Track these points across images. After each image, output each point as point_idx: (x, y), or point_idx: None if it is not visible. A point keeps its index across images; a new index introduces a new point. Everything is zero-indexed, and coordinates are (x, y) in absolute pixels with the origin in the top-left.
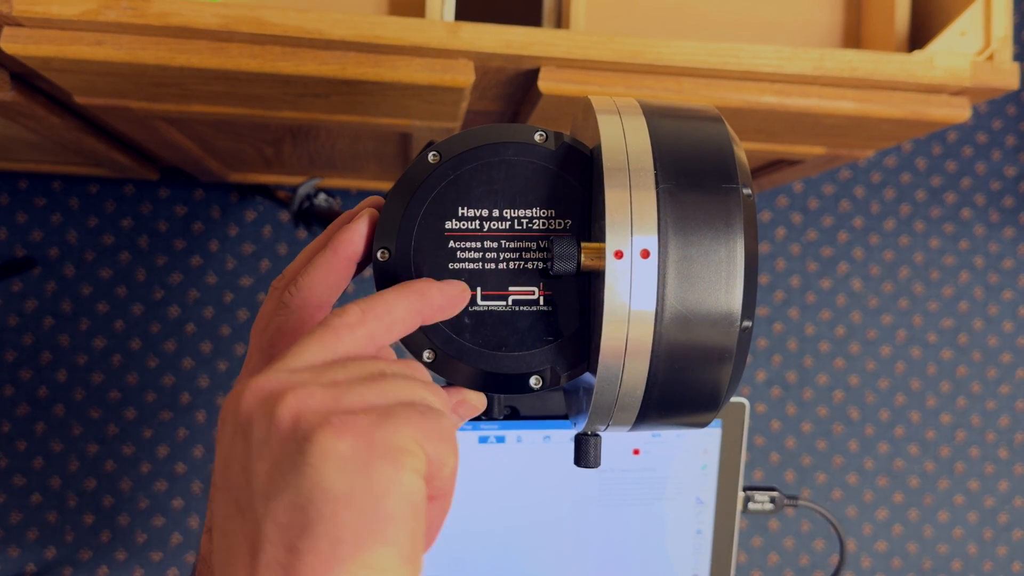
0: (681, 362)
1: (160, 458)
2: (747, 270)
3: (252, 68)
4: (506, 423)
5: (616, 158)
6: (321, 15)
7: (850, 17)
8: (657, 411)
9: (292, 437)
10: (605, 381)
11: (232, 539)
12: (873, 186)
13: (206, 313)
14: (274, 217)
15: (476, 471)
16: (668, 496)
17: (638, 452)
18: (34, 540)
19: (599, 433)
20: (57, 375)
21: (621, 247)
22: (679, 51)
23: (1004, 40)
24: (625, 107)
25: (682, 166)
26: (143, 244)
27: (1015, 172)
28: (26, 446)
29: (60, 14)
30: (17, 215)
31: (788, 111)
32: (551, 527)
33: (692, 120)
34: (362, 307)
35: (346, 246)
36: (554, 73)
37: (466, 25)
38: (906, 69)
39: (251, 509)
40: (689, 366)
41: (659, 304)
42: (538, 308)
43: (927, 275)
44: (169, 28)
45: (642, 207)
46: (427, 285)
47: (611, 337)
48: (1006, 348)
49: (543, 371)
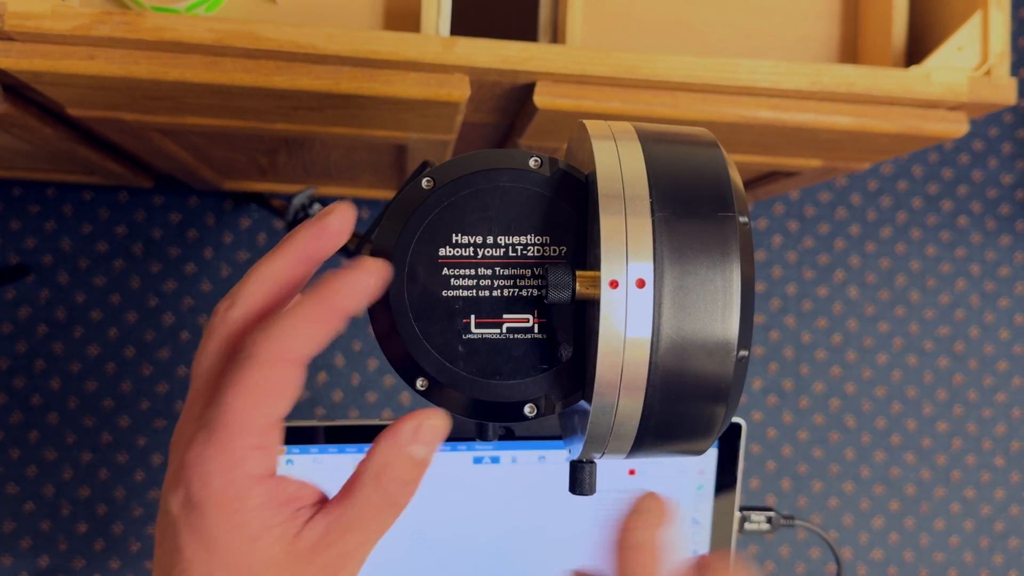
0: (677, 392)
1: (154, 466)
2: (744, 299)
3: (246, 82)
4: (501, 444)
5: (611, 185)
6: (315, 30)
7: (847, 32)
8: (653, 440)
9: None
10: (600, 411)
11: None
12: (870, 194)
13: (200, 321)
14: (269, 225)
15: (471, 492)
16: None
17: (634, 472)
18: (27, 549)
19: (594, 460)
20: (50, 383)
21: (616, 276)
22: (675, 66)
23: (1001, 55)
24: (620, 132)
25: (678, 193)
26: (137, 251)
27: (1012, 180)
28: (19, 454)
29: (52, 29)
30: (10, 222)
31: (785, 126)
32: (545, 548)
33: (688, 146)
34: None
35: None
36: (550, 88)
37: (461, 40)
38: (903, 84)
39: None
40: (685, 396)
41: (655, 334)
42: (532, 336)
43: (923, 283)
44: (163, 43)
45: (638, 235)
46: (332, 287)
47: (606, 367)
48: (1002, 356)
49: (538, 399)
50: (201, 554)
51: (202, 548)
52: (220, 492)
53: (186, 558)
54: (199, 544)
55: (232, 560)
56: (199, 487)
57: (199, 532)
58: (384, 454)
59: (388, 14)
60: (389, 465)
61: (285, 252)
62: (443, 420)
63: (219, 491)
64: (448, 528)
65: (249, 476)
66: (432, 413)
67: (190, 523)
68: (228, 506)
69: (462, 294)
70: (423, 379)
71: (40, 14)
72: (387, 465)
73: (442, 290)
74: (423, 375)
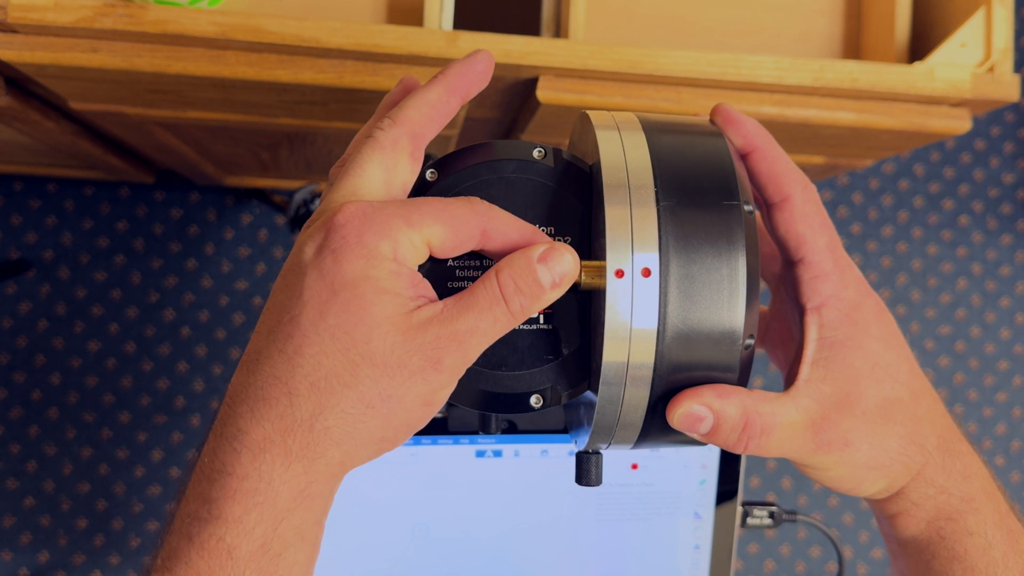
0: (684, 382)
1: (154, 462)
2: (749, 288)
3: (249, 76)
4: (503, 437)
5: (616, 175)
6: (318, 23)
7: (850, 27)
8: (660, 430)
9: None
10: (607, 401)
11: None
12: (871, 192)
13: (201, 316)
14: (270, 221)
15: (473, 485)
16: (666, 511)
17: (636, 467)
18: (27, 544)
19: (600, 451)
20: (51, 378)
21: (622, 266)
22: (678, 61)
23: (1005, 52)
24: (624, 122)
25: (682, 183)
26: (138, 247)
27: (1013, 179)
28: (19, 449)
29: (55, 21)
30: (11, 217)
31: (788, 122)
32: (548, 542)
33: (692, 135)
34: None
35: (456, 80)
36: (553, 82)
37: (464, 34)
38: (906, 81)
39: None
40: (692, 385)
41: (661, 324)
42: (538, 326)
43: (925, 282)
44: (165, 36)
45: (643, 225)
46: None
47: (612, 357)
48: (1003, 355)
49: (544, 390)
50: (323, 295)
51: (326, 289)
52: (367, 242)
53: (303, 301)
54: (324, 286)
55: (351, 307)
56: (349, 232)
57: (329, 274)
58: (514, 257)
59: (391, 8)
60: (513, 266)
61: (439, 84)
62: (574, 259)
63: (367, 241)
64: (450, 522)
65: (391, 236)
66: (566, 248)
67: (322, 265)
68: (371, 255)
69: (467, 286)
70: None
71: (43, 6)
72: (511, 265)
73: (448, 282)
74: None
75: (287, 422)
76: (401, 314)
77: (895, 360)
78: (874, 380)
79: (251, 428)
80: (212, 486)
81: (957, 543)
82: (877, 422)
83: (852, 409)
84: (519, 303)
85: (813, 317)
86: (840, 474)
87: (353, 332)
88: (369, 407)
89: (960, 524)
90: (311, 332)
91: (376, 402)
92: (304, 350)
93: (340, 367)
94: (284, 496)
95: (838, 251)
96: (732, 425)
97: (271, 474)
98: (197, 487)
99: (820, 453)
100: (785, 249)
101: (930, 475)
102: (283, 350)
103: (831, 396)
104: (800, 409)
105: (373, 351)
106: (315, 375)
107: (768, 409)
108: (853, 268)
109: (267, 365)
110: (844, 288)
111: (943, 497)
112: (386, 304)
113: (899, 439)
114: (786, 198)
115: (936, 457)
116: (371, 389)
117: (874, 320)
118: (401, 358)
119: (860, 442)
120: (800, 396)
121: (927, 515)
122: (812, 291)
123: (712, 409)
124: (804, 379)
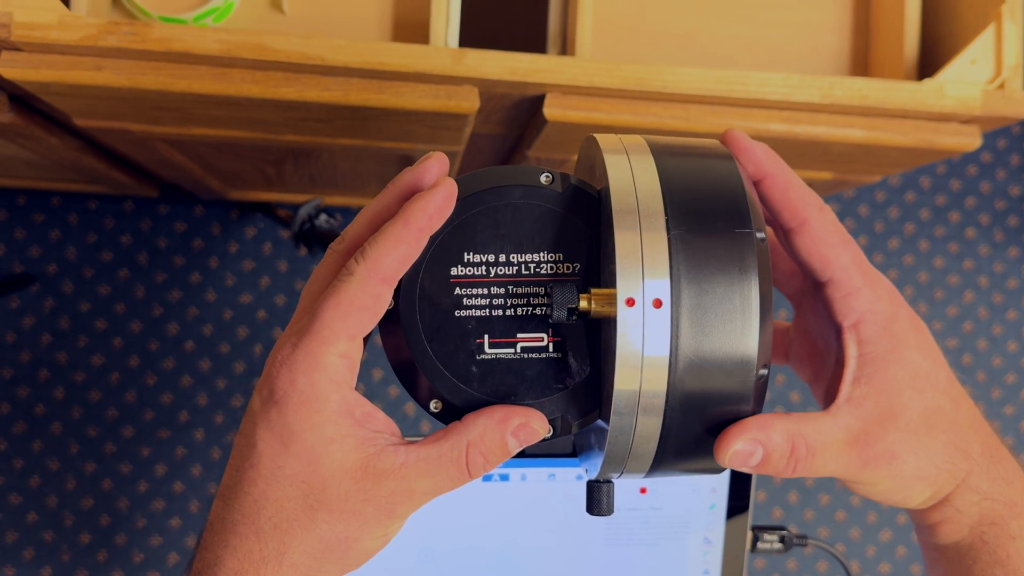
0: (696, 412)
1: (158, 477)
2: (762, 317)
3: (254, 94)
4: (510, 461)
5: (625, 200)
6: (324, 41)
7: (858, 44)
8: (672, 459)
9: None
10: (618, 431)
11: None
12: (877, 205)
13: (205, 330)
14: (274, 234)
15: (480, 509)
16: (675, 536)
17: (645, 491)
18: (30, 559)
19: (612, 480)
20: (55, 392)
21: (633, 294)
22: (686, 78)
23: (1015, 68)
24: (632, 146)
25: (693, 209)
26: (142, 261)
27: (1020, 191)
28: (23, 464)
29: (59, 39)
30: (15, 231)
31: (796, 139)
32: (556, 566)
33: (702, 159)
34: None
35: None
36: (559, 100)
37: (471, 52)
38: (916, 98)
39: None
40: (704, 416)
41: (673, 354)
42: (547, 355)
43: (932, 295)
44: (170, 54)
45: (653, 252)
46: (410, 210)
47: (624, 387)
48: (1010, 368)
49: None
50: (274, 447)
51: (276, 442)
52: (302, 391)
53: (258, 451)
54: (274, 438)
55: (304, 458)
56: (283, 384)
57: (276, 427)
58: (485, 428)
59: (397, 26)
60: (484, 439)
61: (387, 195)
62: (545, 429)
63: (301, 390)
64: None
65: (331, 380)
66: (539, 417)
67: (268, 418)
68: (308, 405)
69: (475, 314)
70: (437, 401)
71: (47, 24)
72: (482, 438)
73: (455, 310)
74: (437, 397)
75: (256, 556)
76: (356, 460)
77: (933, 368)
78: (915, 391)
79: (226, 558)
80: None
81: (1000, 547)
82: (921, 432)
83: (896, 422)
84: (481, 470)
85: (851, 335)
86: (888, 487)
87: (310, 480)
88: (328, 549)
89: (1003, 528)
90: (271, 480)
91: (334, 544)
92: (268, 494)
93: (300, 512)
94: None
95: (864, 265)
96: (780, 453)
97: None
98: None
99: (868, 469)
100: (811, 272)
101: (975, 482)
102: (248, 492)
103: (874, 411)
104: (842, 427)
105: (329, 499)
106: (278, 517)
107: (811, 429)
108: (883, 279)
109: (236, 502)
110: (877, 301)
111: (987, 503)
112: (335, 453)
113: (943, 448)
114: (803, 222)
115: (981, 463)
116: (328, 533)
117: (911, 330)
118: (356, 506)
119: (906, 454)
120: (841, 414)
121: (971, 521)
122: (846, 309)
123: (760, 442)
124: (845, 397)
